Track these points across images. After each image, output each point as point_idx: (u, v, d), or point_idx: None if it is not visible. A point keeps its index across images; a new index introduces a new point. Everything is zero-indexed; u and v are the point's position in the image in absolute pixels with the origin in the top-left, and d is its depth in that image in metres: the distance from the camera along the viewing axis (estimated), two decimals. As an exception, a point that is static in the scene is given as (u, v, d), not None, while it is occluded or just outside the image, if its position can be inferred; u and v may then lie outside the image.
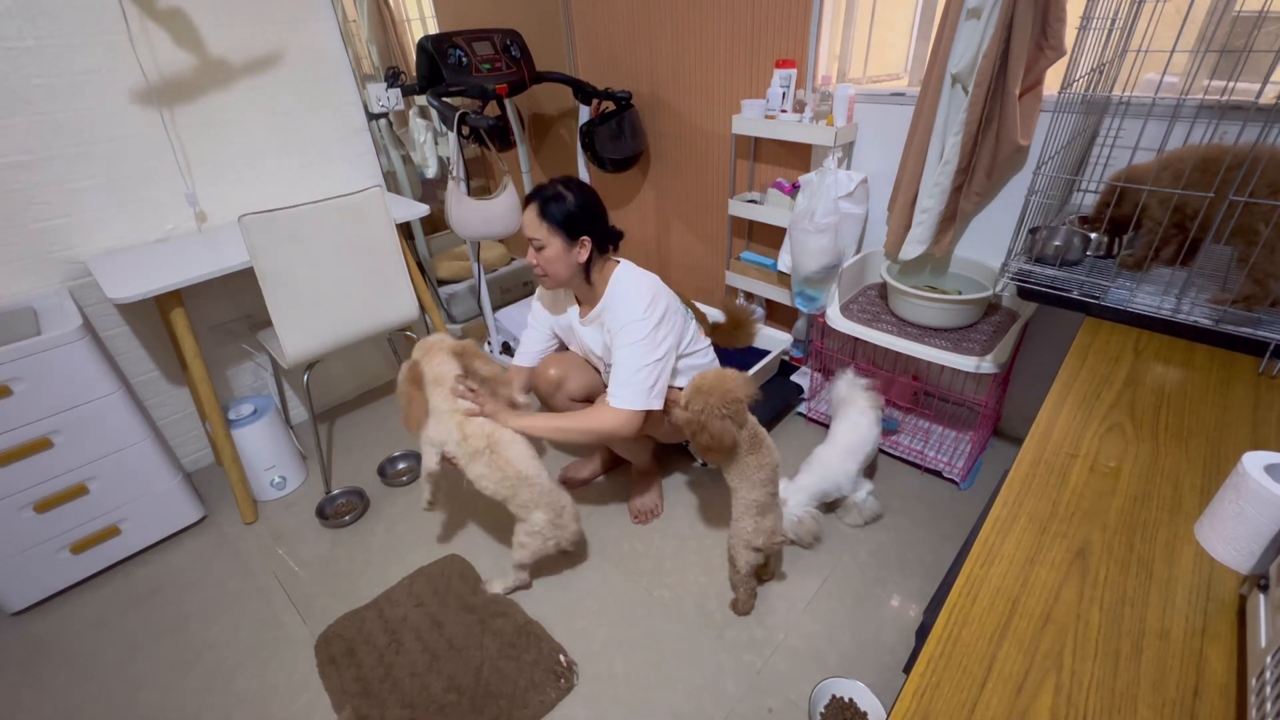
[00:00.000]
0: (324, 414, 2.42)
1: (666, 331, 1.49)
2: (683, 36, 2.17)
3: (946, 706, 0.59)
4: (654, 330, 1.46)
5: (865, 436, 1.72)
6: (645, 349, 1.45)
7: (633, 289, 1.49)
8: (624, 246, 2.87)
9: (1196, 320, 1.07)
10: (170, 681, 1.45)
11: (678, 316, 1.56)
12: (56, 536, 1.62)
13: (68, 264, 1.75)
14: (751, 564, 1.44)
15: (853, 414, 1.76)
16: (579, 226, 1.46)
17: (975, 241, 1.81)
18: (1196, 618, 0.66)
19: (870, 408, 1.76)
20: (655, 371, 1.46)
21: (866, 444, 1.72)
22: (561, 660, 1.42)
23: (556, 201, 1.45)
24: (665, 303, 1.50)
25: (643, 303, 1.47)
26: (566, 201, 1.45)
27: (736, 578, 1.49)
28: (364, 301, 1.86)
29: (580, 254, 1.48)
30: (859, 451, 1.70)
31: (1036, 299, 1.24)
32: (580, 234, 1.46)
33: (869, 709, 1.26)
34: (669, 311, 1.51)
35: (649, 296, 1.48)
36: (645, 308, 1.46)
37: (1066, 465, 0.86)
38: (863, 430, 1.72)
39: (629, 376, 1.45)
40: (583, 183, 1.52)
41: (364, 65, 2.29)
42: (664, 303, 1.50)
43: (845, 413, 1.78)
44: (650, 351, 1.46)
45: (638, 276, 1.54)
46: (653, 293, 1.49)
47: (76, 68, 1.64)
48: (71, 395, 1.54)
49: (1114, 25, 1.18)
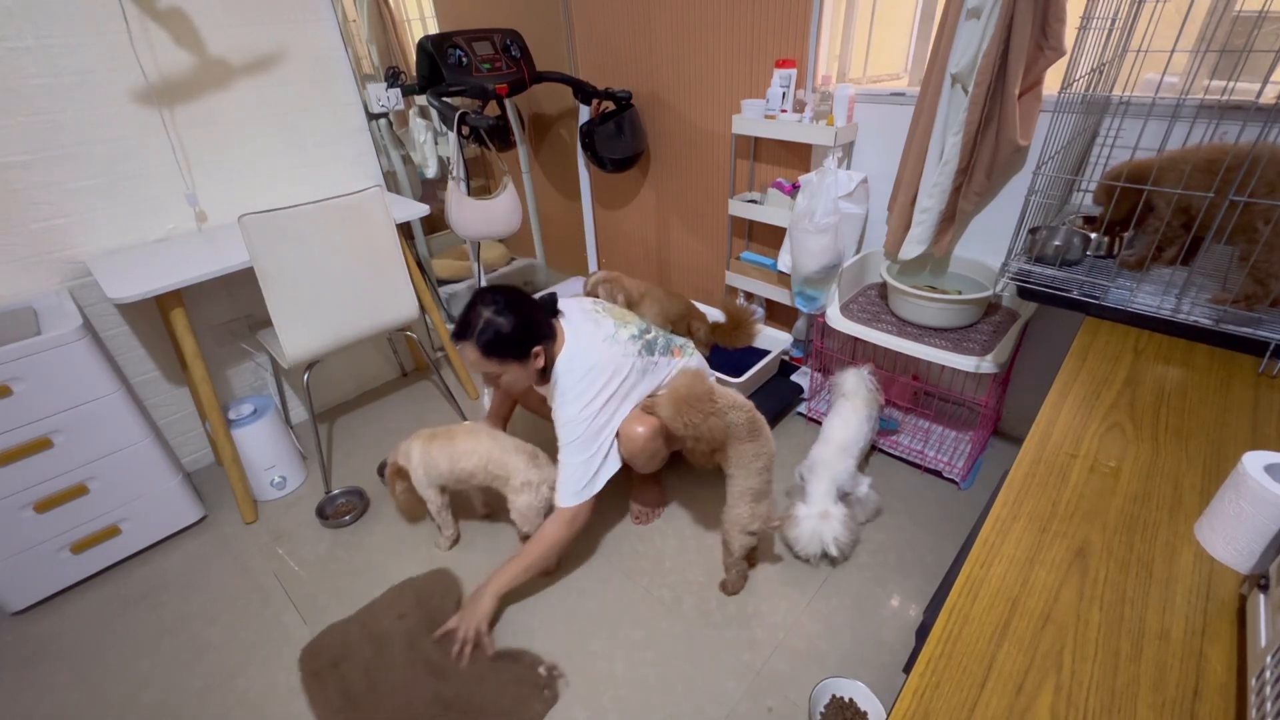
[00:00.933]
0: (324, 414, 2.42)
1: (609, 415, 1.49)
2: (683, 36, 2.17)
3: (946, 706, 0.59)
4: (591, 423, 1.46)
5: (859, 431, 1.73)
6: (583, 444, 1.47)
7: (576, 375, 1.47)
8: (624, 246, 2.89)
9: (1196, 320, 1.07)
10: (170, 681, 1.45)
11: (628, 388, 1.52)
12: (56, 536, 1.62)
13: (68, 264, 1.75)
14: (745, 548, 1.47)
15: (846, 410, 1.76)
16: (526, 343, 1.43)
17: (975, 241, 1.81)
18: (1196, 618, 0.66)
19: (866, 405, 1.77)
20: (596, 462, 1.48)
21: (860, 439, 1.73)
22: (542, 673, 1.40)
23: (493, 333, 1.40)
24: (605, 380, 1.47)
25: (583, 398, 1.46)
26: (502, 328, 1.40)
27: (729, 560, 1.52)
28: (364, 301, 1.86)
29: (537, 363, 1.47)
30: (854, 447, 1.71)
31: (1036, 299, 1.24)
32: (530, 347, 1.44)
33: (869, 709, 1.26)
34: (612, 390, 1.48)
35: (591, 390, 1.46)
36: (583, 406, 1.45)
37: (1066, 465, 0.86)
38: (853, 427, 1.73)
39: (568, 476, 1.48)
40: (507, 294, 1.44)
41: (364, 65, 2.29)
42: (605, 382, 1.47)
43: (840, 408, 1.78)
44: (588, 445, 1.47)
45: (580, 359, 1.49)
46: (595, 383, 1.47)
47: (76, 68, 1.64)
48: (71, 395, 1.54)
49: (1114, 25, 1.18)
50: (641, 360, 1.56)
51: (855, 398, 1.78)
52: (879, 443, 1.99)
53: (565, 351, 1.49)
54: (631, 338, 1.57)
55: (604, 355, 1.51)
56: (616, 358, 1.52)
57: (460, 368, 2.46)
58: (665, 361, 1.63)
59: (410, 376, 2.64)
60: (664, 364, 1.63)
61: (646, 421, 1.53)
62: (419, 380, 2.61)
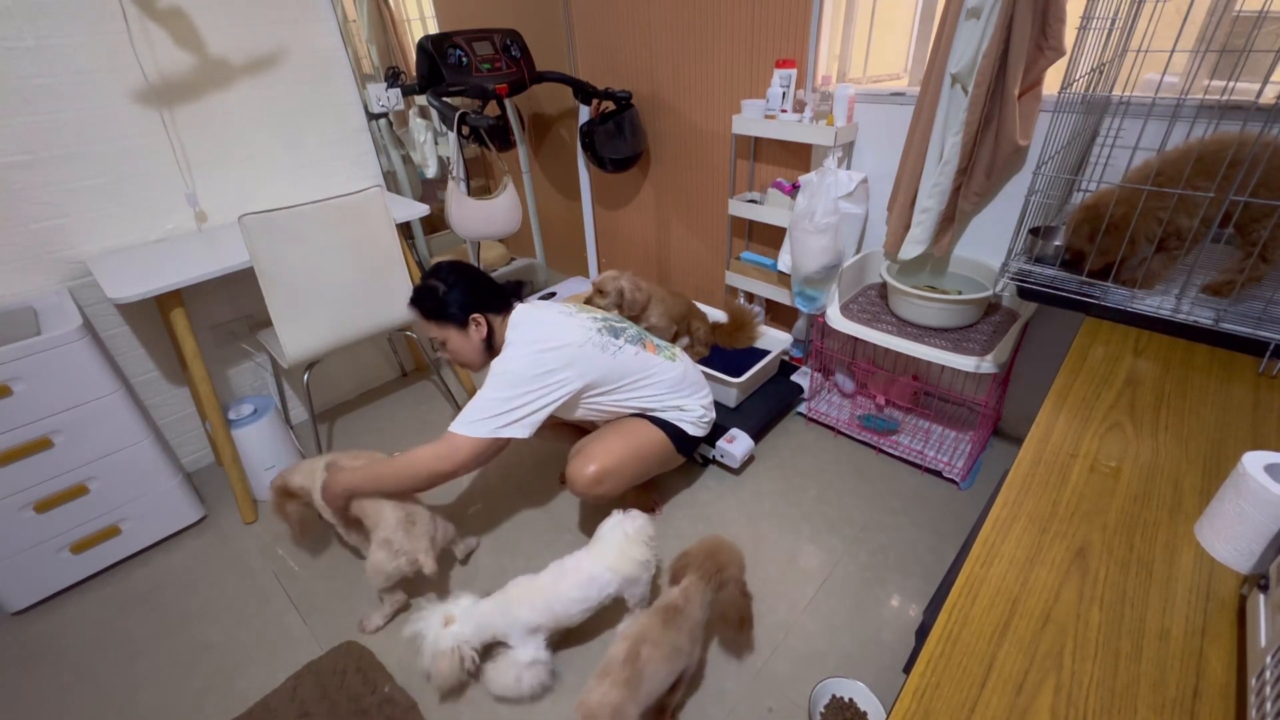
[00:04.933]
0: (324, 414, 2.43)
1: (546, 372, 1.40)
2: (682, 36, 2.17)
3: (946, 706, 0.59)
4: (525, 366, 1.39)
5: (580, 596, 1.31)
6: (504, 384, 1.38)
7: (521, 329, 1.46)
8: (624, 247, 2.89)
9: (1196, 320, 1.07)
10: (170, 681, 1.45)
11: (577, 343, 1.47)
12: (56, 536, 1.62)
13: (68, 264, 1.75)
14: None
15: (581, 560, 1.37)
16: (463, 308, 1.46)
17: (975, 241, 1.81)
18: (1196, 618, 0.66)
19: (616, 558, 1.34)
20: (507, 406, 1.36)
21: (573, 607, 1.31)
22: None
23: (429, 296, 1.46)
24: (552, 341, 1.44)
25: (524, 346, 1.43)
26: (439, 292, 1.46)
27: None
28: (364, 301, 1.86)
29: (479, 331, 1.48)
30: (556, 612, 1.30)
31: (1036, 299, 1.24)
32: (468, 314, 1.46)
33: (869, 709, 1.26)
34: (558, 348, 1.44)
35: (536, 345, 1.43)
36: (523, 351, 1.42)
37: (1066, 465, 0.86)
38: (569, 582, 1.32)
39: (472, 404, 1.38)
40: (453, 263, 1.52)
41: (364, 65, 2.29)
42: (552, 342, 1.44)
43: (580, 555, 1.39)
44: (510, 386, 1.38)
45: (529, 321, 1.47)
46: (540, 337, 1.44)
47: (76, 68, 1.64)
48: (71, 395, 1.54)
49: (1114, 25, 1.18)
50: (601, 337, 1.52)
51: (604, 543, 1.37)
52: (879, 443, 1.99)
53: (513, 317, 1.50)
54: (594, 319, 1.56)
55: (557, 322, 1.51)
56: (571, 326, 1.51)
57: (460, 368, 2.46)
58: (634, 351, 1.56)
59: (410, 376, 2.65)
60: (630, 352, 1.55)
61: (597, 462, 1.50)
62: (419, 380, 2.61)
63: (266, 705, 1.37)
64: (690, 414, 1.65)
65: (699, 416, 1.67)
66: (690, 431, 1.66)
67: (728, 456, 1.90)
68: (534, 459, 2.11)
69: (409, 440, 2.22)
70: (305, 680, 1.41)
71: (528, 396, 1.40)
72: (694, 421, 1.66)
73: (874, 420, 2.03)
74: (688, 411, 1.65)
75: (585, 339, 1.49)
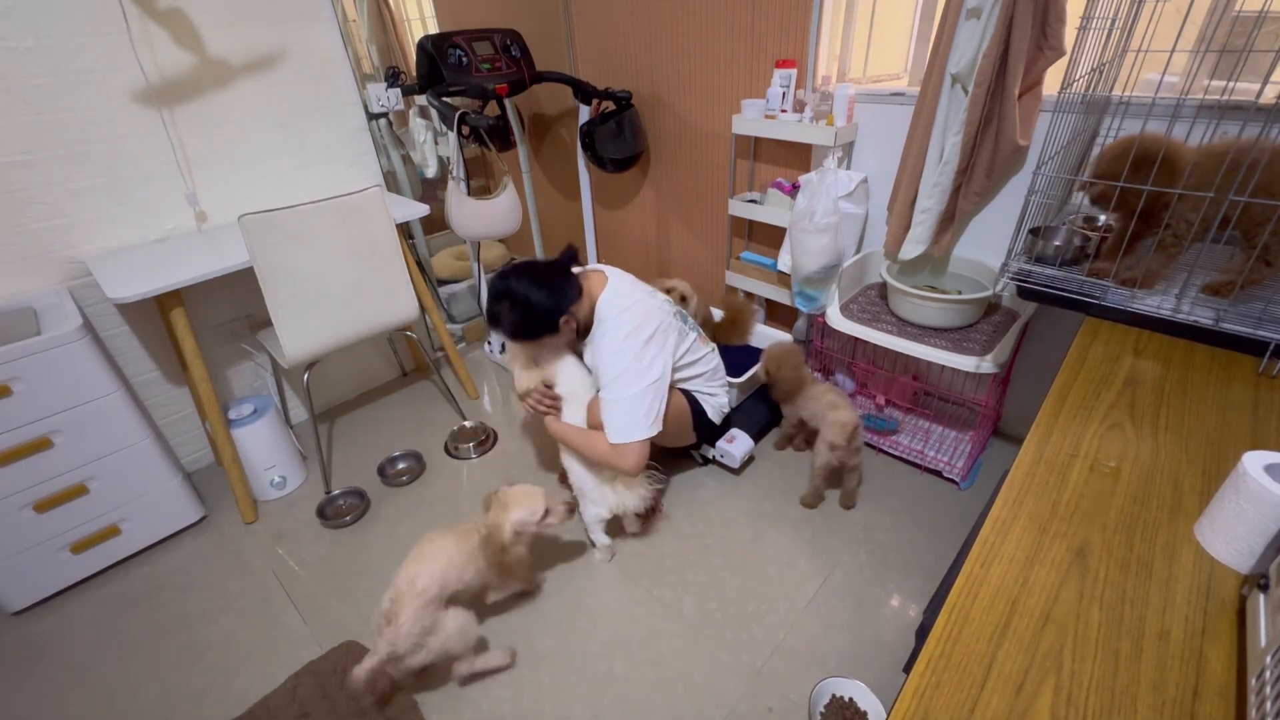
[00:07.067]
0: (324, 414, 2.42)
1: (655, 352, 1.47)
2: (683, 36, 2.17)
3: (946, 706, 0.59)
4: (636, 358, 1.44)
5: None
6: (629, 378, 1.44)
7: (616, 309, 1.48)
8: (624, 246, 2.89)
9: (1196, 320, 1.07)
10: (170, 682, 1.45)
11: (669, 334, 1.54)
12: (56, 536, 1.62)
13: (68, 264, 1.75)
14: (826, 463, 1.67)
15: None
16: (552, 316, 1.46)
17: (975, 241, 1.81)
18: (1196, 618, 0.66)
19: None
20: (648, 397, 1.45)
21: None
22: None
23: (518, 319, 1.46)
24: (654, 323, 1.48)
25: (625, 327, 1.45)
26: (525, 312, 1.45)
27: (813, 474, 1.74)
28: (364, 301, 1.86)
29: (569, 329, 1.49)
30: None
31: (1036, 299, 1.24)
32: (558, 318, 1.46)
33: (869, 709, 1.26)
34: (658, 331, 1.49)
35: (630, 324, 1.46)
36: (627, 335, 1.44)
37: (1066, 465, 0.86)
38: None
39: (616, 412, 1.45)
40: (516, 276, 1.45)
41: (364, 65, 2.29)
42: (651, 324, 1.48)
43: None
44: (637, 378, 1.44)
45: (621, 299, 1.50)
46: (636, 318, 1.47)
47: (76, 68, 1.64)
48: (71, 395, 1.54)
49: (1114, 25, 1.18)
50: (678, 322, 1.60)
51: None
52: (879, 443, 1.99)
53: (605, 296, 1.51)
54: (668, 301, 1.63)
55: (644, 302, 1.54)
56: (656, 307, 1.55)
57: (460, 368, 2.46)
58: (694, 337, 1.67)
59: (410, 376, 2.64)
60: (692, 338, 1.65)
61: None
62: (419, 380, 2.61)
63: (266, 705, 1.37)
64: (716, 400, 1.77)
65: (720, 405, 1.80)
66: (709, 414, 1.76)
67: (728, 456, 1.90)
68: (535, 459, 2.11)
69: (409, 440, 2.22)
70: (305, 680, 1.41)
71: (654, 388, 1.48)
72: (717, 409, 1.78)
73: (874, 420, 2.03)
74: (714, 398, 1.78)
75: (668, 323, 1.56)
